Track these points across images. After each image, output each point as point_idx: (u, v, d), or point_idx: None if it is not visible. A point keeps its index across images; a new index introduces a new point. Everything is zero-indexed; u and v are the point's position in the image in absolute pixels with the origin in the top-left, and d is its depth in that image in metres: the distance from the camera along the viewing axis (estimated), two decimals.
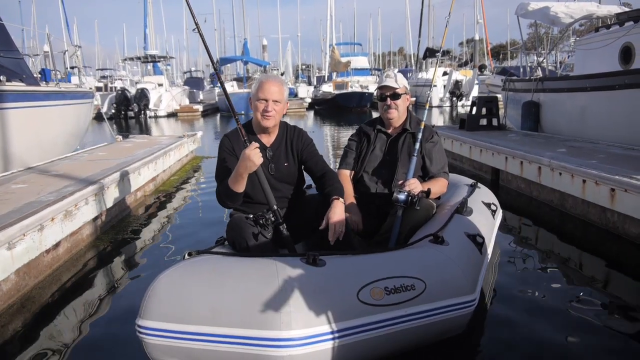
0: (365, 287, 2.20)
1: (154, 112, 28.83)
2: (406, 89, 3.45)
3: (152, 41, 39.90)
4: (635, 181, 4.23)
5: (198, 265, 2.30)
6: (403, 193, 3.04)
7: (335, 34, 41.51)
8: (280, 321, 1.99)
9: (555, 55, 13.99)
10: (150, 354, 2.17)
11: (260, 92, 2.87)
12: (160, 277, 2.23)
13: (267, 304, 2.03)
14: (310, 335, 2.01)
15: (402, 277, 2.30)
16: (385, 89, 3.40)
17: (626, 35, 7.52)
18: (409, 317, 2.26)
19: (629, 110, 6.69)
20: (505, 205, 5.86)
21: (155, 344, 2.14)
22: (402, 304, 2.24)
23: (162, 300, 2.15)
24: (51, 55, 10.78)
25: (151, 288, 2.20)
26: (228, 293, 2.11)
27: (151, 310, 2.14)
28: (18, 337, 3.05)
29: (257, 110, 2.88)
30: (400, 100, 3.40)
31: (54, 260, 4.15)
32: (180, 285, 2.17)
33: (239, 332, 2.02)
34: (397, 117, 3.43)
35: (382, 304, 2.19)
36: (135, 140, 10.34)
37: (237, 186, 2.73)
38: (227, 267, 2.28)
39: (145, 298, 2.19)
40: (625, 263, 4.07)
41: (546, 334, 2.88)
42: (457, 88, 29.79)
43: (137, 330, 2.16)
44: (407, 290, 2.27)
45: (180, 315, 2.10)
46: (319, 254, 2.29)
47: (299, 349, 1.99)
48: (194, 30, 2.90)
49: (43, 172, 6.07)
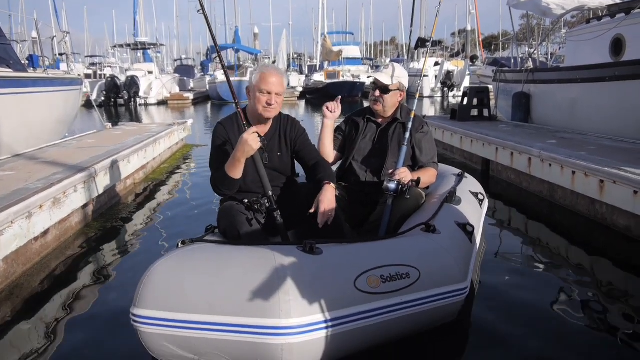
0: (362, 275, 2.21)
1: (144, 100, 28.63)
2: (400, 85, 3.38)
3: (142, 28, 39.58)
4: (624, 173, 4.26)
5: (193, 254, 2.29)
6: (393, 182, 3.04)
7: (327, 23, 41.37)
8: (280, 309, 1.99)
9: (547, 47, 14.00)
10: (145, 342, 2.16)
11: (264, 84, 2.82)
12: (155, 265, 2.21)
13: (265, 292, 2.03)
14: (309, 323, 2.02)
15: (397, 266, 2.32)
16: (377, 81, 3.38)
17: (617, 27, 7.53)
18: (404, 305, 2.28)
19: (619, 102, 6.73)
20: (495, 195, 5.92)
21: (150, 333, 2.12)
22: (397, 292, 2.26)
23: (158, 289, 2.13)
24: (39, 42, 10.65)
25: (146, 277, 2.18)
26: (225, 281, 2.09)
27: (146, 299, 2.13)
28: (6, 324, 3.03)
29: (258, 102, 2.84)
30: (388, 95, 3.36)
31: (43, 247, 4.13)
32: (176, 274, 2.15)
33: (237, 321, 2.01)
34: (381, 110, 3.42)
35: (378, 292, 2.21)
36: (125, 127, 10.26)
37: (234, 172, 2.72)
38: (223, 255, 2.27)
39: (139, 287, 2.17)
40: (613, 253, 4.11)
41: (534, 321, 2.91)
42: (448, 78, 29.81)
43: (132, 319, 2.14)
44: (402, 278, 2.29)
45: (177, 304, 2.08)
46: (315, 242, 2.29)
47: (297, 337, 2.00)
48: (199, 11, 2.89)
49: (31, 159, 6.01)
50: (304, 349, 2.03)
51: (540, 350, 2.60)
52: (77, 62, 35.44)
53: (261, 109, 2.85)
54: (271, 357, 2.02)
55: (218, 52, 3.23)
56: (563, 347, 2.64)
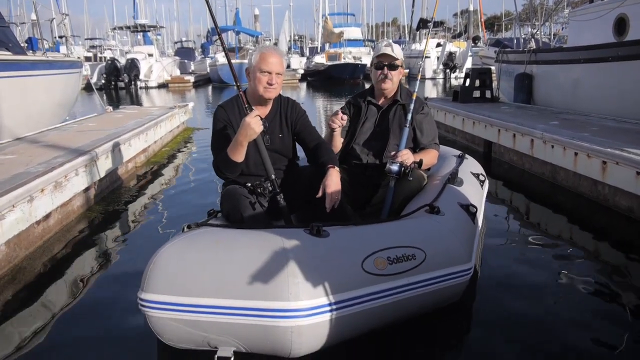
0: (369, 257, 2.22)
1: (144, 83, 28.53)
2: (402, 62, 3.40)
3: (142, 10, 39.32)
4: (627, 154, 4.24)
5: (200, 238, 2.28)
6: (396, 164, 3.03)
7: (328, 4, 40.99)
8: (289, 292, 1.99)
9: (550, 27, 13.86)
10: (153, 326, 2.17)
11: (264, 64, 2.80)
12: (162, 249, 2.21)
13: (274, 275, 2.03)
14: (318, 305, 2.03)
15: (403, 247, 2.33)
16: (385, 57, 3.32)
17: (620, 7, 7.45)
18: (410, 286, 2.29)
19: (622, 82, 6.68)
20: (498, 177, 5.91)
21: (159, 317, 2.12)
22: (404, 274, 2.27)
23: (166, 273, 2.13)
24: (38, 24, 10.56)
25: (153, 261, 2.17)
26: (234, 265, 2.09)
27: (154, 283, 2.12)
28: (9, 307, 3.04)
29: (259, 82, 2.82)
30: (396, 71, 3.35)
31: (45, 231, 4.13)
32: (184, 258, 2.15)
33: (246, 304, 2.02)
34: (390, 89, 3.39)
35: (385, 274, 2.22)
36: (126, 111, 10.23)
37: (237, 155, 2.71)
38: (231, 239, 2.26)
39: (147, 271, 2.16)
40: (615, 235, 4.11)
41: (535, 301, 2.93)
42: (450, 60, 29.64)
43: (140, 304, 2.15)
44: (409, 259, 2.31)
45: (186, 288, 2.08)
46: (322, 224, 2.29)
47: (307, 319, 2.00)
48: None
49: (32, 142, 6.00)
50: (312, 331, 2.04)
51: (543, 329, 2.61)
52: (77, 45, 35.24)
53: (262, 89, 2.83)
54: (280, 339, 2.03)
55: (219, 33, 3.19)
56: (565, 325, 2.66)
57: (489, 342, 2.55)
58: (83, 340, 2.66)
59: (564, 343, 2.51)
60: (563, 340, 2.53)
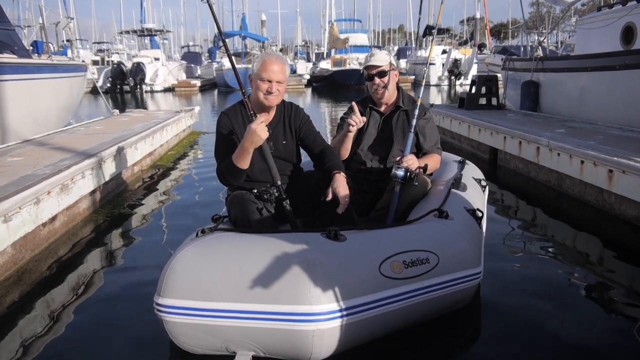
0: (386, 260, 2.24)
1: (150, 87, 28.63)
2: (392, 65, 3.38)
3: (149, 14, 39.50)
4: (634, 163, 4.23)
5: (217, 242, 2.28)
6: (401, 169, 3.03)
7: (335, 10, 41.09)
8: (310, 296, 2.00)
9: (557, 35, 13.87)
10: (170, 331, 2.17)
11: (264, 72, 2.81)
12: (178, 254, 2.21)
13: (294, 279, 2.03)
14: (338, 309, 2.04)
15: (417, 251, 2.35)
16: (371, 68, 3.34)
17: (628, 15, 7.44)
18: (425, 289, 2.32)
19: (629, 91, 6.66)
20: (503, 184, 5.90)
21: (176, 322, 2.13)
22: (418, 277, 2.30)
23: (184, 278, 2.13)
24: (43, 27, 10.62)
25: (170, 266, 2.18)
26: (252, 269, 2.09)
27: (172, 287, 2.12)
28: (15, 309, 3.05)
29: (259, 89, 2.83)
30: (387, 77, 3.33)
31: (51, 233, 4.15)
32: (202, 263, 2.15)
33: (267, 308, 2.02)
34: (387, 96, 3.39)
35: (401, 277, 2.24)
36: (132, 114, 10.27)
37: (242, 162, 2.70)
38: (248, 243, 2.26)
39: (163, 276, 2.17)
40: (621, 243, 4.09)
41: (541, 306, 2.93)
42: (455, 67, 29.60)
43: (156, 308, 2.15)
44: (423, 263, 2.33)
45: (204, 293, 2.08)
46: (339, 228, 2.30)
47: (328, 323, 2.02)
48: (203, 0, 2.85)
49: (39, 145, 6.03)
50: (333, 335, 2.05)
51: (549, 335, 2.60)
52: (85, 49, 35.43)
53: (262, 96, 2.84)
54: (302, 343, 2.03)
55: (223, 39, 3.21)
56: (570, 332, 2.64)
57: (498, 346, 2.57)
58: (88, 344, 2.66)
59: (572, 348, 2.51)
60: (571, 345, 2.53)
